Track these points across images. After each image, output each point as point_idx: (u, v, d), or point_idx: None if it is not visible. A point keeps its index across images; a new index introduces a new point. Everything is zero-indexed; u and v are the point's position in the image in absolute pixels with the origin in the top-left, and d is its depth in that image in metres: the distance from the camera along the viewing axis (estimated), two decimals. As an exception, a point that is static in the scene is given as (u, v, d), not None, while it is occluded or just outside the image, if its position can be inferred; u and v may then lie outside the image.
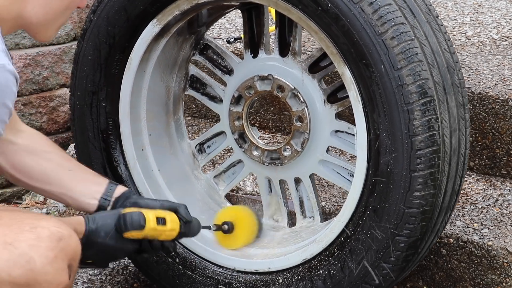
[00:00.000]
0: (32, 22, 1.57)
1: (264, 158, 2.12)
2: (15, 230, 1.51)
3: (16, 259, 1.48)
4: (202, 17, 2.13)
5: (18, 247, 1.49)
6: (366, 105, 1.82)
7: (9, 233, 1.50)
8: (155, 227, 1.82)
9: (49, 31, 1.61)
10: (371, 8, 1.76)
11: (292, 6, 1.84)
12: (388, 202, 1.84)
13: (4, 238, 1.49)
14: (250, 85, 2.08)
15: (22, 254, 1.48)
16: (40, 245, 1.50)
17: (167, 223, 1.85)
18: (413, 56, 1.76)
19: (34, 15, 1.56)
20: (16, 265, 1.48)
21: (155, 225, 1.82)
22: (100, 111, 2.14)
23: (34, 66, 2.91)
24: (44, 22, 1.58)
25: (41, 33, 1.61)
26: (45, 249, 1.50)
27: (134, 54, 2.08)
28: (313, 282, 1.98)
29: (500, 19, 2.90)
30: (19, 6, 1.54)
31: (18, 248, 1.49)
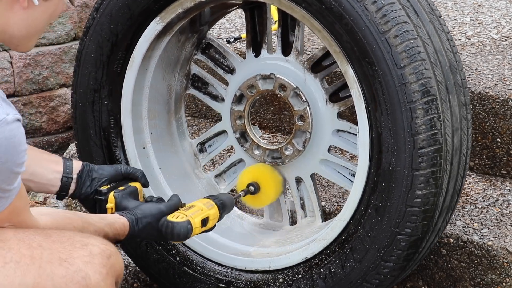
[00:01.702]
0: (14, 36, 1.54)
1: (265, 157, 2.12)
2: (68, 247, 1.53)
3: (72, 275, 1.50)
4: (205, 16, 2.13)
5: (73, 263, 1.51)
6: (368, 103, 1.83)
7: (62, 250, 1.52)
8: (199, 231, 1.84)
9: (31, 42, 1.59)
10: (374, 7, 1.76)
11: (295, 4, 1.85)
12: (389, 201, 1.84)
13: (58, 254, 1.51)
14: (252, 84, 2.08)
15: (77, 271, 1.50)
16: (93, 261, 1.52)
17: (209, 222, 1.85)
18: (416, 55, 1.76)
19: (16, 29, 1.53)
20: (73, 281, 1.50)
21: (200, 230, 1.83)
22: (102, 108, 2.14)
23: (34, 66, 2.91)
24: (26, 35, 1.55)
25: (22, 45, 1.58)
26: (98, 265, 1.53)
27: (137, 52, 2.08)
28: (314, 280, 1.98)
29: (500, 19, 2.90)
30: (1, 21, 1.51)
31: (73, 265, 1.51)
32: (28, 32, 1.55)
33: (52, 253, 1.50)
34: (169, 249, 2.16)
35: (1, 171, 1.41)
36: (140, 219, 1.80)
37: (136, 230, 1.79)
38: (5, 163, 1.40)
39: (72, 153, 2.79)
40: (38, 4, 1.51)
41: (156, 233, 1.81)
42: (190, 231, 1.80)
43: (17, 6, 1.50)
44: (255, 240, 2.18)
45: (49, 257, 1.50)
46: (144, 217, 1.80)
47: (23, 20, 1.53)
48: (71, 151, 2.81)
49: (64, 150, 2.96)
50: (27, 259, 1.48)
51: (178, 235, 1.79)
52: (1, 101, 1.41)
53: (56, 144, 3.01)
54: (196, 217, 1.82)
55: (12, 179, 1.45)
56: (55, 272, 1.49)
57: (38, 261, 1.49)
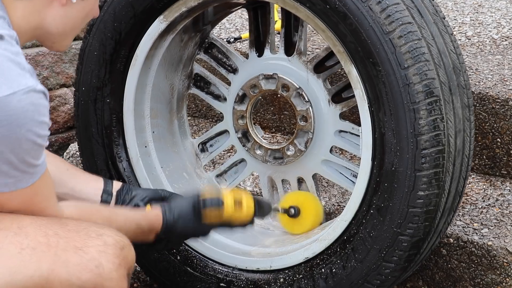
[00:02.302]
0: (51, 32, 1.57)
1: (267, 157, 2.12)
2: (83, 236, 1.55)
3: (86, 263, 1.52)
4: (208, 16, 2.13)
5: (87, 252, 1.53)
6: (372, 104, 1.83)
7: (78, 238, 1.54)
8: (233, 213, 1.84)
9: (66, 41, 1.62)
10: (379, 7, 1.76)
11: (300, 4, 1.85)
12: (392, 201, 1.84)
13: (73, 243, 1.53)
14: (254, 84, 2.08)
15: (91, 259, 1.52)
16: (107, 251, 1.54)
17: (243, 208, 1.86)
18: (420, 56, 1.76)
19: (54, 26, 1.56)
20: (86, 269, 1.52)
21: (233, 211, 1.84)
22: (104, 107, 2.14)
23: (34, 66, 2.90)
24: (63, 32, 1.58)
25: (58, 43, 1.61)
26: (112, 255, 1.54)
27: (140, 50, 2.08)
28: (315, 280, 1.98)
29: (500, 19, 2.91)
30: (39, 17, 1.54)
31: (88, 253, 1.53)
32: (64, 29, 1.57)
33: (67, 241, 1.53)
34: (169, 248, 2.16)
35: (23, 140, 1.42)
36: (173, 208, 1.82)
37: (171, 220, 1.80)
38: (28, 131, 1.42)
39: (72, 153, 2.79)
40: (75, 2, 1.55)
41: (192, 222, 1.82)
42: (221, 204, 1.81)
43: (56, 3, 1.54)
44: (256, 239, 2.17)
45: (65, 245, 1.52)
46: (178, 206, 1.83)
47: (61, 17, 1.55)
48: (71, 151, 2.80)
49: (64, 150, 2.95)
50: (43, 246, 1.50)
51: (210, 208, 1.81)
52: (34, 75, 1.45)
53: (56, 144, 3.00)
54: (227, 195, 1.84)
55: (35, 151, 1.46)
56: (69, 259, 1.51)
57: (53, 248, 1.51)
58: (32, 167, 1.47)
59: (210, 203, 1.83)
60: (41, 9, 1.53)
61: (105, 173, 2.18)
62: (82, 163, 2.23)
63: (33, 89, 1.42)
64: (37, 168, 1.49)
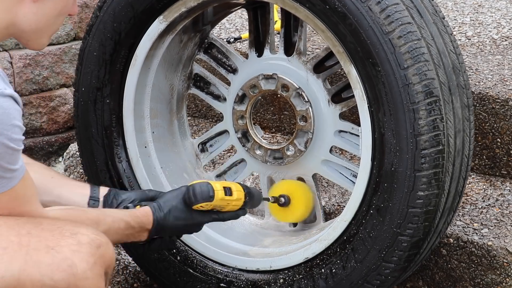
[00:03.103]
0: (24, 30, 1.55)
1: (267, 157, 2.12)
2: (57, 235, 1.52)
3: (58, 263, 1.49)
4: (207, 16, 2.13)
5: (60, 251, 1.50)
6: (371, 104, 1.83)
7: (51, 237, 1.51)
8: (223, 197, 1.83)
9: (42, 39, 1.60)
10: (378, 7, 1.76)
11: (299, 4, 1.85)
12: (391, 202, 1.84)
13: (46, 242, 1.50)
14: (254, 84, 2.08)
15: (64, 259, 1.50)
16: (81, 250, 1.52)
17: (233, 193, 1.86)
18: (419, 56, 1.76)
19: (26, 23, 1.54)
20: (59, 269, 1.49)
21: (223, 195, 1.83)
22: (104, 107, 2.14)
23: (34, 66, 2.90)
24: (36, 29, 1.56)
25: (33, 41, 1.59)
26: (86, 254, 1.52)
27: (140, 50, 2.08)
28: (315, 280, 1.99)
29: (500, 19, 2.91)
30: (11, 14, 1.52)
31: (60, 253, 1.50)
32: (37, 27, 1.55)
33: (40, 241, 1.50)
34: (169, 248, 2.17)
35: None
36: (163, 203, 1.81)
37: (162, 215, 1.79)
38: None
39: (72, 153, 2.79)
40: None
41: (183, 213, 1.81)
42: (212, 189, 1.80)
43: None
44: (256, 240, 2.18)
45: (37, 245, 1.49)
46: (167, 201, 1.82)
47: (33, 14, 1.54)
48: (71, 151, 2.81)
49: (64, 150, 2.96)
50: (15, 245, 1.48)
51: (201, 193, 1.79)
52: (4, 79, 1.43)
53: (56, 144, 3.00)
54: (216, 183, 1.84)
55: (10, 156, 1.44)
56: (41, 259, 1.49)
57: (25, 248, 1.48)
58: (8, 171, 1.45)
59: (199, 187, 1.81)
60: (12, 7, 1.52)
61: (105, 174, 2.18)
62: (82, 163, 2.23)
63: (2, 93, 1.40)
64: (14, 173, 1.46)
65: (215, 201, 1.82)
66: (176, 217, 1.81)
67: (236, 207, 1.88)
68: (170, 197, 1.83)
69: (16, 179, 1.48)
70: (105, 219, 1.70)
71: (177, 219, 1.81)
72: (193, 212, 1.83)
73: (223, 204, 1.85)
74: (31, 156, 2.92)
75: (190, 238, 2.15)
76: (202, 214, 1.85)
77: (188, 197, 1.81)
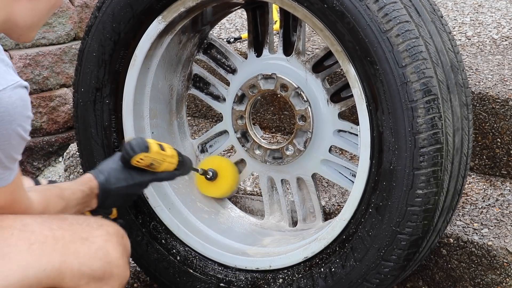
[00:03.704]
0: (18, 25, 1.57)
1: (266, 157, 2.12)
2: (86, 228, 1.60)
3: (95, 252, 1.58)
4: (207, 16, 2.13)
5: (94, 241, 1.59)
6: (370, 102, 1.83)
7: (82, 230, 1.59)
8: (159, 151, 1.87)
9: (33, 33, 1.62)
10: (376, 6, 1.77)
11: (297, 3, 1.85)
12: (390, 200, 1.84)
13: (79, 234, 1.58)
14: (253, 84, 2.08)
15: (99, 248, 1.58)
16: (111, 240, 1.60)
17: (166, 149, 1.89)
18: (417, 54, 1.76)
19: (21, 19, 1.56)
20: (96, 258, 1.57)
21: (158, 148, 1.87)
22: (104, 107, 2.15)
23: (34, 66, 2.91)
24: (30, 24, 1.58)
25: (25, 35, 1.61)
26: (116, 244, 1.61)
27: (139, 51, 2.08)
28: (314, 280, 1.98)
29: (500, 19, 2.90)
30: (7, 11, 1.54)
31: (95, 243, 1.58)
32: (32, 22, 1.58)
33: (73, 234, 1.57)
34: (169, 249, 2.17)
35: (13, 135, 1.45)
36: (101, 168, 1.85)
37: (103, 179, 1.82)
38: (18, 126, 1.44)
39: (72, 153, 2.79)
40: None
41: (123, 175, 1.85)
42: (146, 142, 1.84)
43: None
44: (255, 239, 2.18)
45: (71, 237, 1.57)
46: (105, 165, 1.86)
47: (29, 10, 1.56)
48: (71, 151, 2.81)
49: (64, 150, 2.96)
50: (51, 239, 1.55)
51: (137, 145, 1.83)
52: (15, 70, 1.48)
53: (56, 144, 3.00)
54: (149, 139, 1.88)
55: (21, 146, 1.49)
56: (79, 250, 1.56)
57: (61, 241, 1.55)
58: (14, 162, 1.50)
59: (135, 141, 1.85)
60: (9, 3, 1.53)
61: (105, 174, 2.18)
62: (82, 164, 2.23)
63: (20, 84, 1.45)
64: (16, 163, 1.52)
65: (152, 153, 1.85)
66: (117, 178, 1.84)
67: (171, 165, 1.91)
68: (107, 162, 1.88)
69: (17, 169, 1.53)
70: (66, 192, 1.74)
71: (118, 180, 1.84)
72: (132, 171, 1.87)
73: (159, 158, 1.88)
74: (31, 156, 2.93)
75: (190, 238, 2.15)
76: (140, 173, 1.88)
77: (126, 152, 1.84)
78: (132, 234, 2.18)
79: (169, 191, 2.20)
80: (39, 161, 2.99)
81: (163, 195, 2.19)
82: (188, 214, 2.20)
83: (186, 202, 2.21)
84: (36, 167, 2.99)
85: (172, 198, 2.20)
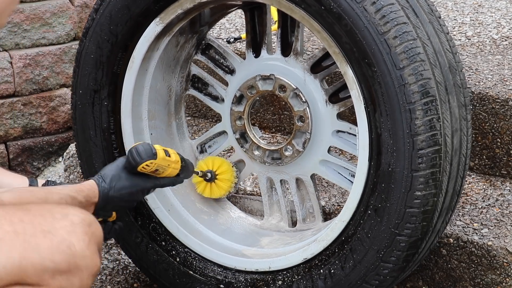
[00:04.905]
0: None
1: (265, 158, 2.12)
2: (49, 219, 1.55)
3: (57, 245, 1.52)
4: (204, 17, 2.13)
5: (56, 234, 1.53)
6: (368, 104, 1.83)
7: (44, 222, 1.54)
8: (165, 157, 1.86)
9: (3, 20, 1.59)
10: (373, 8, 1.76)
11: (295, 5, 1.85)
12: (389, 202, 1.84)
13: (41, 227, 1.53)
14: (252, 85, 2.08)
15: (62, 241, 1.53)
16: (76, 231, 1.55)
17: (171, 155, 1.89)
18: (415, 56, 1.76)
19: None
20: (58, 250, 1.52)
21: (164, 155, 1.86)
22: (102, 109, 2.15)
23: (34, 66, 2.91)
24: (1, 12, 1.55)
25: None
26: (81, 234, 1.55)
27: (137, 52, 2.08)
28: (314, 281, 1.99)
29: (500, 19, 2.90)
30: None
31: (57, 236, 1.53)
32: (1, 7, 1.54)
33: (34, 227, 1.52)
34: (169, 250, 2.17)
35: None
36: (104, 174, 1.84)
37: (106, 186, 1.81)
38: None
39: (72, 153, 2.80)
40: None
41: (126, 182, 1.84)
42: (153, 148, 1.84)
43: None
44: (254, 240, 2.18)
45: (32, 231, 1.52)
46: (108, 171, 1.85)
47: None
48: (71, 151, 2.81)
49: (64, 150, 2.96)
50: (11, 234, 1.50)
51: (144, 151, 1.82)
52: None
53: (56, 144, 3.01)
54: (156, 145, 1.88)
55: None
56: (40, 244, 1.51)
57: (22, 235, 1.51)
58: None
59: (142, 147, 1.84)
60: None
61: (104, 175, 2.18)
62: (80, 165, 2.23)
63: None
64: None
65: (159, 160, 1.85)
66: (121, 184, 1.84)
67: (175, 171, 1.91)
68: (111, 168, 1.86)
69: None
70: (52, 197, 1.72)
71: (122, 187, 1.84)
72: (135, 178, 1.86)
73: (165, 164, 1.87)
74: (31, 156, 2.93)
75: (189, 239, 2.15)
76: (144, 179, 1.88)
77: (133, 158, 1.83)
78: (131, 236, 2.19)
79: (168, 193, 2.20)
80: (39, 161, 2.99)
81: (162, 196, 2.19)
82: (188, 215, 2.20)
83: (185, 203, 2.21)
84: (36, 167, 2.99)
85: (171, 199, 2.20)
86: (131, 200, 1.89)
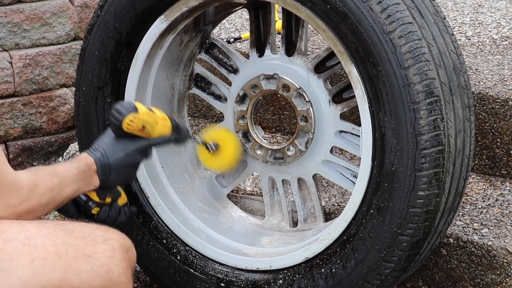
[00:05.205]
0: None
1: (267, 158, 2.12)
2: (91, 242, 1.59)
3: (97, 270, 1.56)
4: (209, 16, 2.13)
5: (97, 258, 1.57)
6: (372, 104, 1.83)
7: (86, 245, 1.57)
8: (147, 112, 1.85)
9: None
10: (379, 7, 1.77)
11: (300, 4, 1.85)
12: (392, 201, 1.84)
13: (83, 250, 1.56)
14: (255, 84, 2.08)
15: (102, 265, 1.56)
16: (115, 256, 1.58)
17: (155, 111, 1.87)
18: (420, 56, 1.76)
19: None
20: (97, 275, 1.56)
21: (146, 110, 1.85)
22: (105, 106, 2.14)
23: (34, 66, 2.91)
24: None
25: None
26: (119, 260, 1.59)
27: (141, 50, 2.08)
28: (315, 280, 1.99)
29: (500, 19, 2.91)
30: None
31: (98, 260, 1.56)
32: None
33: (77, 249, 1.55)
34: (170, 248, 2.17)
35: None
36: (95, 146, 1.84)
37: (99, 154, 1.81)
38: None
39: (72, 153, 2.79)
40: None
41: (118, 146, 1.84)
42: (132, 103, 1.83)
43: None
44: (255, 239, 2.18)
45: (74, 253, 1.55)
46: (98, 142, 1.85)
47: None
48: (71, 151, 2.81)
49: (64, 150, 2.96)
50: (53, 255, 1.53)
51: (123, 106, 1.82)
52: None
53: (56, 144, 3.00)
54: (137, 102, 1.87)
55: None
56: (81, 267, 1.54)
57: (64, 257, 1.53)
58: None
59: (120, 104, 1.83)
60: None
61: (106, 173, 2.17)
62: (83, 162, 2.22)
63: None
64: None
65: (141, 114, 1.83)
66: (113, 150, 1.84)
67: (165, 128, 1.89)
68: (100, 138, 1.87)
69: None
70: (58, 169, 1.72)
71: (115, 151, 1.84)
72: (127, 140, 1.85)
73: (150, 120, 1.85)
74: (31, 156, 2.93)
75: (190, 238, 2.15)
76: (137, 140, 1.86)
77: (114, 117, 1.82)
78: (132, 233, 2.18)
79: (170, 191, 2.20)
80: (39, 161, 2.98)
81: (164, 194, 2.19)
82: (189, 214, 2.20)
83: (187, 202, 2.21)
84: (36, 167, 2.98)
85: (173, 197, 2.20)
86: (130, 164, 1.87)
